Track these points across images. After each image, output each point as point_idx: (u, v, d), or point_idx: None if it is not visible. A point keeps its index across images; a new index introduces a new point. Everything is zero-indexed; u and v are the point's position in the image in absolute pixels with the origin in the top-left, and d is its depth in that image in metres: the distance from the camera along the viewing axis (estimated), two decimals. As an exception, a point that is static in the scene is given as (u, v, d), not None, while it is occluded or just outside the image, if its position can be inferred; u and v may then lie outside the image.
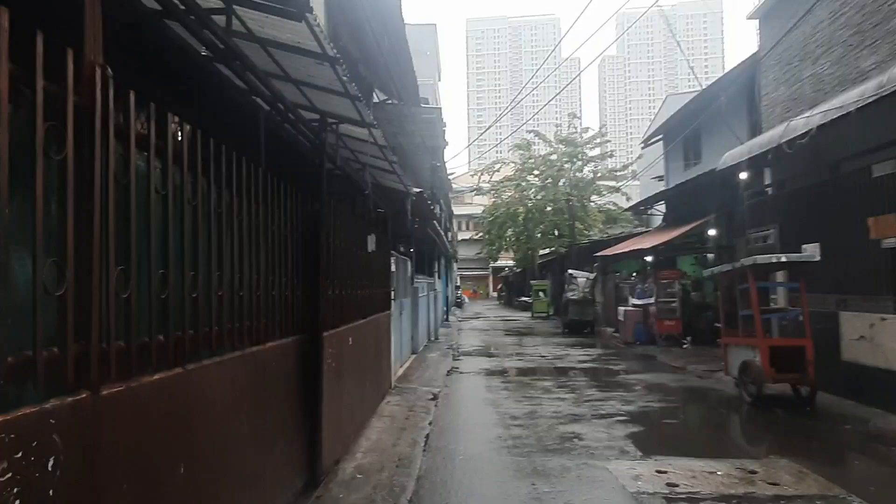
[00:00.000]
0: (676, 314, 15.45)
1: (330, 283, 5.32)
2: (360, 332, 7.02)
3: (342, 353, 5.85)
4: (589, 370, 12.31)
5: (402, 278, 12.95)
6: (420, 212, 12.08)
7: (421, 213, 12.43)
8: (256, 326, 3.76)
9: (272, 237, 4.14)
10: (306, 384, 4.80)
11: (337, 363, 5.59)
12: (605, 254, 19.39)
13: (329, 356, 5.27)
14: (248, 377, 3.61)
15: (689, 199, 17.17)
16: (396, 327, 11.32)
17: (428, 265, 20.16)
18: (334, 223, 5.60)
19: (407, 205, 9.72)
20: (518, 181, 32.04)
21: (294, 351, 4.55)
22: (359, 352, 6.86)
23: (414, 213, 11.61)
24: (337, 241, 5.71)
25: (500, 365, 13.13)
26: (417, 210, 11.53)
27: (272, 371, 4.05)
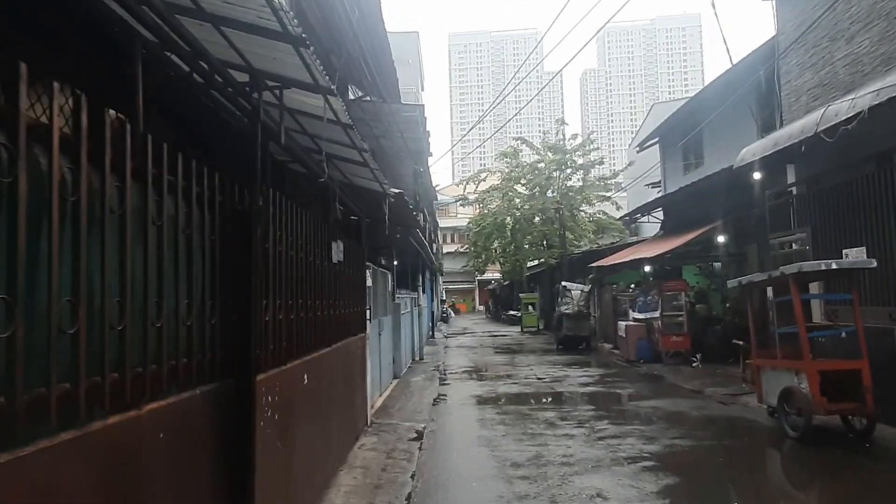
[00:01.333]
0: (684, 329, 14.12)
1: (269, 304, 3.84)
2: (323, 365, 5.53)
3: (291, 398, 4.36)
4: (594, 396, 10.87)
5: (382, 294, 11.47)
6: (401, 217, 10.64)
7: (402, 219, 10.99)
8: (129, 378, 2.28)
9: (171, 241, 2.69)
10: (229, 453, 3.30)
11: (283, 413, 4.09)
12: (602, 264, 18.08)
13: (269, 406, 3.78)
14: (96, 474, 2.11)
15: (692, 205, 15.96)
16: (374, 351, 9.82)
17: (411, 279, 18.69)
18: (280, 224, 4.14)
19: (384, 208, 8.30)
20: (505, 190, 30.76)
21: (204, 409, 3.06)
22: (320, 390, 5.36)
23: (393, 219, 10.17)
24: (284, 248, 4.24)
25: (493, 390, 11.65)
26: (397, 215, 10.09)
27: (159, 451, 2.55)
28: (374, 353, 9.70)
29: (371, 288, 9.52)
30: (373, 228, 13.43)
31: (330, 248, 5.78)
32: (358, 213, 8.17)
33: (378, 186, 8.04)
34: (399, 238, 14.12)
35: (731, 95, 13.96)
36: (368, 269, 9.22)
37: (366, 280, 8.46)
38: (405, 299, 15.33)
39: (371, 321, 9.33)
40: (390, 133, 14.64)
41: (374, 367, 9.50)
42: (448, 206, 60.32)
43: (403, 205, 9.44)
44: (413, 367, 15.47)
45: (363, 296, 8.17)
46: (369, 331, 8.57)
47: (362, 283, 8.11)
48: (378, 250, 14.91)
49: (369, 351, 8.78)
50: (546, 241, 29.79)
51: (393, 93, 13.71)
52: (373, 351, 9.61)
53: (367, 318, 8.31)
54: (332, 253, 5.85)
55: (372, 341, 9.43)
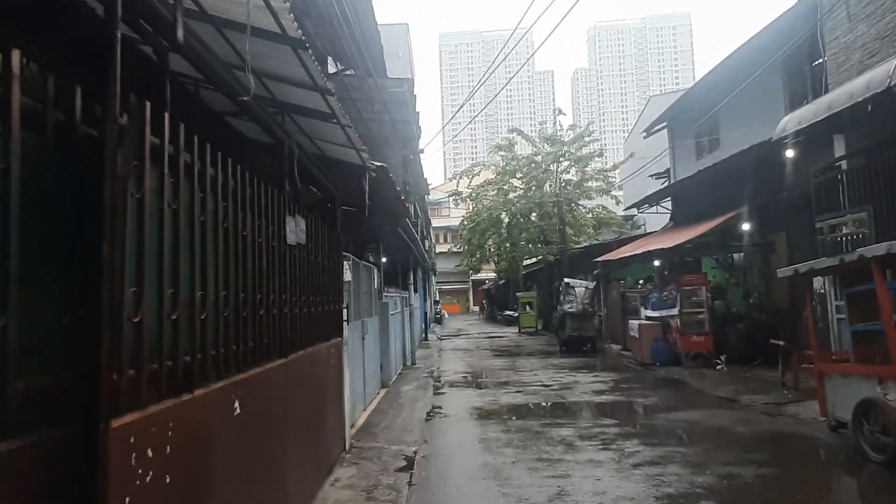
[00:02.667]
0: (705, 328, 12.67)
1: (144, 294, 2.30)
2: (273, 384, 4.01)
3: (205, 441, 2.83)
4: (614, 407, 9.39)
5: (367, 291, 9.95)
6: (386, 203, 9.12)
7: (388, 206, 9.47)
8: None
9: None
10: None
11: (183, 470, 2.57)
12: (609, 258, 16.61)
13: (145, 465, 2.25)
14: None
15: (709, 191, 14.54)
16: (356, 357, 8.29)
17: (402, 277, 17.17)
18: (177, 171, 2.61)
19: (364, 184, 6.79)
20: (500, 184, 29.29)
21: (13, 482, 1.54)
22: (265, 419, 3.83)
23: (377, 202, 8.65)
24: (196, 209, 2.72)
25: (495, 400, 10.14)
26: (383, 200, 8.57)
27: None
28: (355, 360, 8.18)
29: (351, 283, 8.00)
30: (356, 218, 11.91)
31: (283, 224, 4.26)
32: (332, 190, 6.67)
33: (355, 157, 6.53)
34: (387, 232, 12.61)
35: (753, 69, 12.55)
36: (347, 260, 7.70)
37: (343, 273, 6.94)
38: (394, 299, 13.81)
39: (350, 322, 7.81)
40: (377, 115, 13.15)
41: (355, 376, 7.98)
42: (440, 205, 59.23)
43: (388, 185, 7.91)
44: (404, 373, 13.95)
45: (339, 292, 6.66)
46: (347, 334, 7.05)
47: (338, 277, 6.59)
48: (364, 245, 13.39)
49: (348, 358, 7.26)
50: (544, 237, 28.34)
51: (378, 66, 12.21)
52: (354, 357, 8.09)
53: (345, 319, 6.79)
54: (288, 232, 4.33)
55: (352, 346, 7.92)
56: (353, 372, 7.88)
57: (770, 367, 11.70)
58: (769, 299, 12.96)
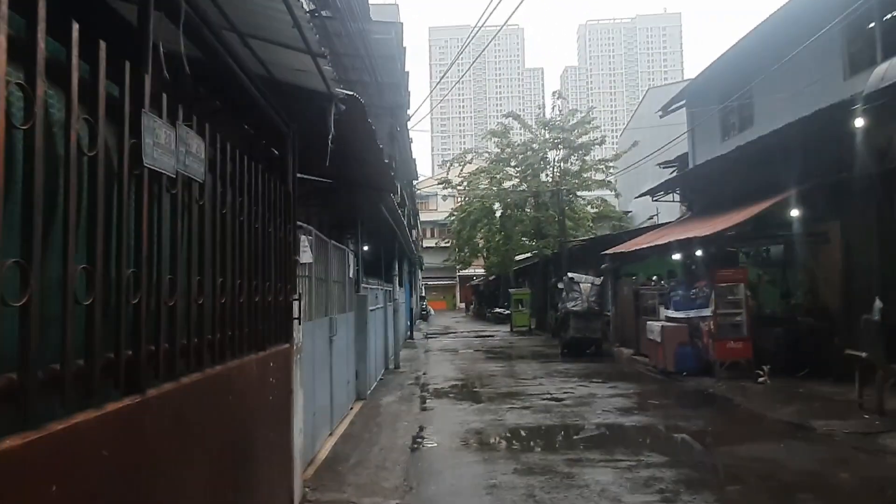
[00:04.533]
0: (744, 332, 10.72)
1: None
2: (117, 440, 1.89)
3: None
4: (653, 434, 7.36)
5: (338, 280, 7.85)
6: (362, 157, 6.97)
7: (364, 165, 7.31)
8: None
9: None
10: None
11: None
12: (620, 251, 14.61)
13: None
14: None
15: (738, 175, 12.61)
16: (321, 366, 6.19)
17: (385, 268, 15.04)
18: None
19: (329, 120, 4.69)
20: (494, 173, 27.23)
21: None
22: None
23: (352, 162, 6.55)
24: None
25: (498, 420, 8.08)
26: (355, 149, 6.42)
27: None
28: (319, 370, 6.08)
29: (312, 267, 5.89)
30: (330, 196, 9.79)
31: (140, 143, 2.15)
32: (282, 127, 4.56)
33: (317, 79, 4.41)
34: (368, 214, 10.48)
35: (803, 31, 10.63)
36: (307, 234, 5.60)
37: (297, 250, 4.82)
38: (375, 292, 11.71)
39: (312, 320, 5.73)
40: (360, 78, 11.04)
41: (317, 392, 5.88)
42: (428, 199, 57.13)
43: (364, 133, 5.77)
44: (386, 379, 11.86)
45: (289, 277, 4.55)
46: (302, 337, 4.94)
47: (286, 255, 4.48)
48: (342, 230, 11.26)
49: (305, 370, 5.17)
50: (539, 229, 26.31)
51: (362, 8, 10.05)
52: (318, 366, 5.99)
53: (297, 317, 4.66)
54: (145, 142, 2.20)
55: (315, 352, 5.81)
56: (314, 387, 5.78)
57: (819, 379, 9.84)
58: (817, 299, 11.05)
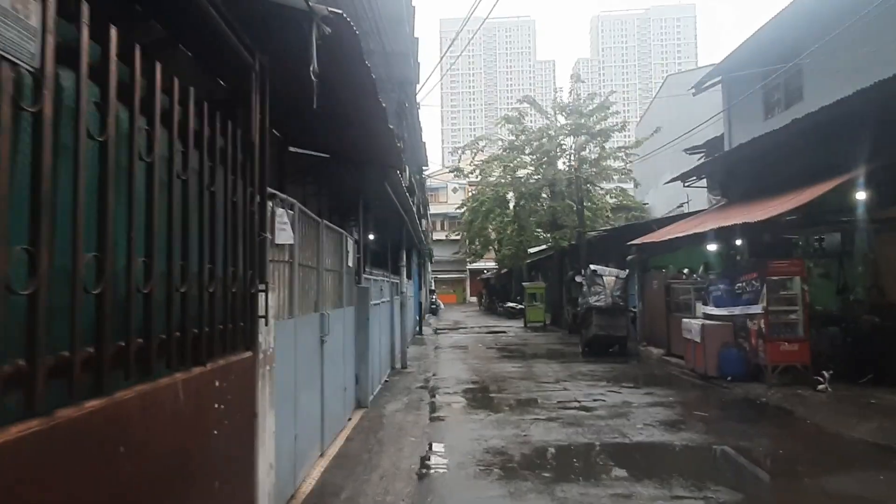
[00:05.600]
0: (800, 332, 9.38)
1: None
2: None
3: None
4: (713, 459, 6.07)
5: (333, 269, 6.63)
6: (358, 119, 5.72)
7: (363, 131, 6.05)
8: None
9: None
10: None
11: None
12: (650, 240, 13.26)
13: None
14: None
15: (786, 157, 11.24)
16: (307, 376, 4.97)
17: (392, 258, 13.83)
18: None
19: (310, 49, 3.45)
20: (508, 160, 25.90)
21: None
22: None
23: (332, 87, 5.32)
24: None
25: (522, 436, 6.83)
26: (341, 86, 5.15)
27: None
28: (304, 379, 4.86)
29: (293, 250, 4.66)
30: (326, 172, 8.56)
31: None
32: (245, 57, 3.33)
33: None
34: (370, 192, 9.22)
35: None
36: (285, 207, 4.37)
37: (264, 223, 3.58)
38: (380, 284, 10.49)
39: (283, 319, 4.51)
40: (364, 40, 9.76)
41: (299, 412, 4.65)
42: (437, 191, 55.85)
43: (360, 76, 4.50)
44: (391, 381, 10.66)
45: (253, 261, 3.32)
46: (272, 342, 3.70)
47: (249, 229, 3.25)
48: (345, 215, 10.04)
49: (281, 384, 3.97)
50: (555, 220, 24.93)
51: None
52: (303, 375, 4.77)
53: (263, 315, 3.42)
54: None
55: (297, 358, 4.59)
56: (296, 403, 4.56)
57: (889, 387, 8.55)
58: (883, 295, 9.70)
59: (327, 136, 7.61)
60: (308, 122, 7.20)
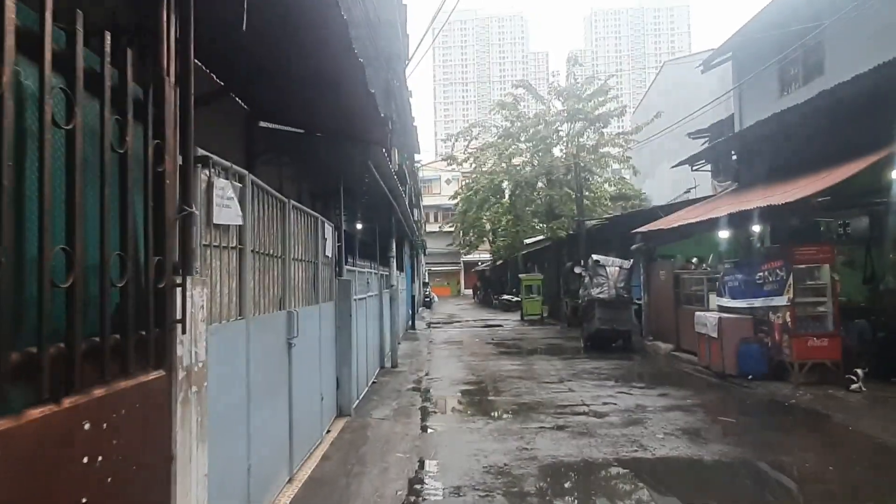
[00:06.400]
0: (829, 326, 8.52)
1: None
2: None
3: None
4: (750, 478, 5.15)
5: (307, 259, 5.67)
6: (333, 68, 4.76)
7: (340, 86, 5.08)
8: None
9: None
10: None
11: None
12: (658, 227, 12.35)
13: None
14: None
15: (810, 134, 10.36)
16: (261, 395, 4.03)
17: (381, 249, 12.87)
18: None
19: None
20: (503, 148, 24.92)
21: None
22: None
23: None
24: None
25: (528, 450, 5.92)
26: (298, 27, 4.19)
27: None
28: (260, 397, 3.92)
29: (243, 234, 3.71)
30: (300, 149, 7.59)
31: None
32: None
33: None
34: (352, 172, 8.23)
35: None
36: (227, 177, 3.41)
37: (184, 192, 2.62)
38: (366, 276, 9.55)
39: (228, 320, 3.57)
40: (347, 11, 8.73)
41: (253, 439, 3.69)
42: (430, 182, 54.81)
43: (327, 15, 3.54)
44: (379, 382, 9.74)
45: (166, 245, 2.37)
46: (203, 354, 2.75)
47: (159, 200, 2.30)
48: (328, 201, 9.07)
49: (221, 407, 3.03)
50: (552, 209, 24.00)
51: None
52: (258, 392, 3.84)
53: (179, 319, 2.48)
54: None
55: (251, 370, 3.65)
56: (250, 425, 3.62)
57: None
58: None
59: (301, 109, 6.65)
60: (280, 90, 6.24)
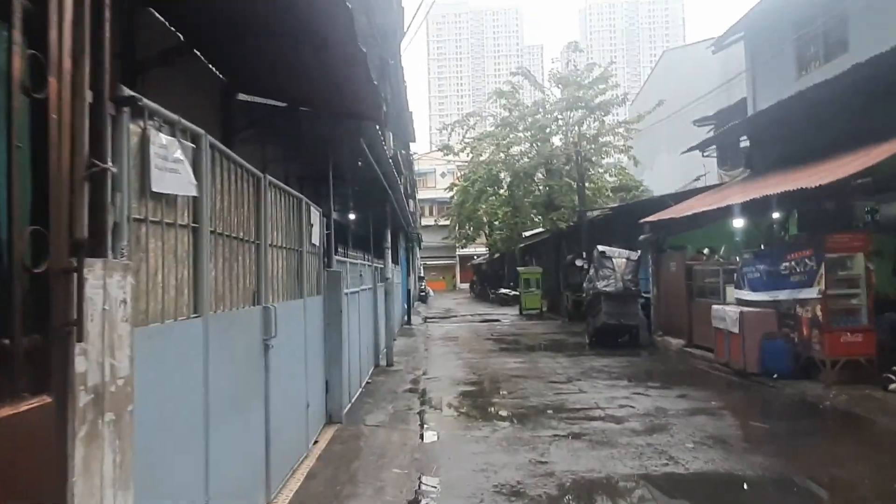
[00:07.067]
0: (863, 320, 7.83)
1: None
2: None
3: None
4: (807, 500, 4.49)
5: (290, 247, 4.91)
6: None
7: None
8: None
9: None
10: None
11: None
12: (669, 216, 11.61)
13: None
14: None
15: (833, 116, 9.66)
16: (220, 415, 3.27)
17: (375, 239, 12.11)
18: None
19: None
20: (501, 137, 24.14)
21: None
22: None
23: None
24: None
25: (542, 465, 5.19)
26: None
27: None
28: (225, 415, 3.17)
29: (187, 204, 2.94)
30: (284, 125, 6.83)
31: None
32: None
33: None
34: (343, 151, 7.46)
35: None
36: (167, 132, 2.64)
37: (94, 142, 1.88)
38: (360, 268, 8.79)
39: (160, 323, 2.80)
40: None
41: (213, 470, 2.93)
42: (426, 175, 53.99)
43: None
44: (374, 383, 9.01)
45: (57, 211, 1.63)
46: (123, 372, 2.01)
47: (39, 145, 1.56)
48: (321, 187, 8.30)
49: (160, 435, 2.27)
50: (551, 200, 23.25)
51: None
52: (219, 410, 3.08)
53: (73, 321, 1.75)
54: None
55: (207, 383, 2.89)
56: (205, 454, 2.88)
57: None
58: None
59: (284, 75, 5.87)
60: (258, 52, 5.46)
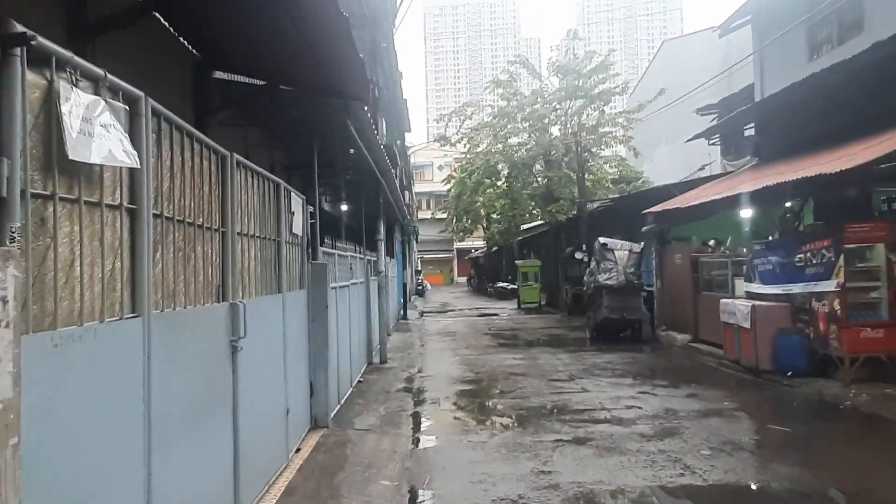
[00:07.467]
0: (883, 314, 7.37)
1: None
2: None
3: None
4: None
5: (265, 237, 4.40)
6: None
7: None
8: None
9: None
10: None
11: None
12: (675, 206, 11.13)
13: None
14: None
15: (845, 100, 9.19)
16: (191, 423, 2.76)
17: (368, 231, 11.59)
18: None
19: None
20: (498, 128, 23.58)
21: None
22: None
23: None
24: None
25: (547, 475, 4.69)
26: None
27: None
28: (180, 433, 2.68)
29: (122, 178, 2.42)
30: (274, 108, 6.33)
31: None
32: None
33: None
34: (328, 134, 6.94)
35: None
36: (90, 89, 2.12)
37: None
38: (351, 261, 8.29)
39: (79, 325, 2.27)
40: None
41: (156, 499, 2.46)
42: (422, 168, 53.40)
43: None
44: (366, 382, 8.53)
45: None
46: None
47: None
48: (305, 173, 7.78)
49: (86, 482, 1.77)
50: (550, 192, 22.72)
51: None
52: (170, 429, 2.58)
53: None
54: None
55: (150, 396, 2.38)
56: (146, 484, 2.38)
57: None
58: None
59: (264, 53, 5.36)
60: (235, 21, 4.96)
